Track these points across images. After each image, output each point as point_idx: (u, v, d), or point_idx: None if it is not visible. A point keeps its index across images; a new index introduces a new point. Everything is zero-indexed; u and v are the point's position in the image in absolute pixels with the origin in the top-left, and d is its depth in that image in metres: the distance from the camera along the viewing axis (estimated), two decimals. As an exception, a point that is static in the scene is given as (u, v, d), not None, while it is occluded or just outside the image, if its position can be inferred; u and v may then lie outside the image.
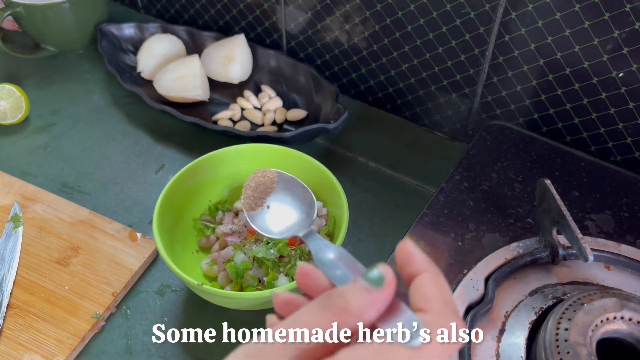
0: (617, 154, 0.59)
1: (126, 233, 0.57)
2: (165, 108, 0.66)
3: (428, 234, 0.51)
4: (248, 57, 0.74)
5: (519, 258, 0.48)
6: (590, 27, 0.53)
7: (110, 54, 0.75)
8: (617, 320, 0.40)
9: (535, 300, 0.45)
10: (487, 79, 0.62)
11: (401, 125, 0.71)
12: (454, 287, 0.46)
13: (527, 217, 0.52)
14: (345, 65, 0.71)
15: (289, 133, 0.62)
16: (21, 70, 0.78)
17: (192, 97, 0.70)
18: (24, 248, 0.56)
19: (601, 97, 0.56)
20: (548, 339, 0.39)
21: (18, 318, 0.51)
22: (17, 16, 0.74)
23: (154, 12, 0.85)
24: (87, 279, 0.53)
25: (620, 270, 0.48)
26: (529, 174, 0.56)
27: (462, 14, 0.58)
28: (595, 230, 0.51)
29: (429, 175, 0.64)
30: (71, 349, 0.49)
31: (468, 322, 0.43)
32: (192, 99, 0.71)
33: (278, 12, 0.72)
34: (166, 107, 0.66)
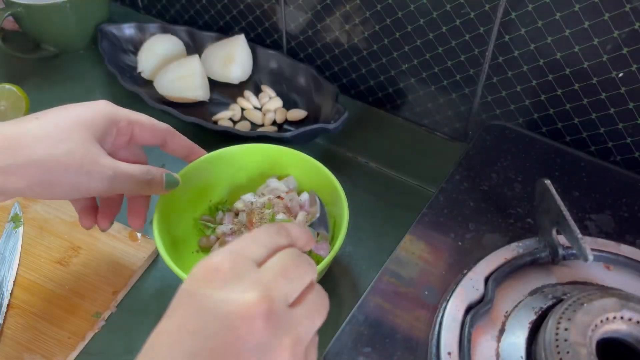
0: (617, 154, 0.59)
1: (126, 233, 0.57)
2: (165, 108, 0.66)
3: (428, 234, 0.51)
4: (248, 57, 0.74)
5: (518, 258, 0.48)
6: (590, 27, 0.53)
7: (111, 54, 0.75)
8: (617, 320, 0.40)
9: (535, 300, 0.45)
10: (487, 79, 0.62)
11: (401, 125, 0.71)
12: (454, 287, 0.46)
13: (527, 217, 0.52)
14: (346, 65, 0.71)
15: (289, 133, 0.62)
16: (21, 70, 0.78)
17: (192, 97, 0.71)
18: (25, 248, 0.56)
19: (601, 97, 0.56)
20: (548, 339, 0.39)
21: (18, 318, 0.51)
22: (17, 16, 0.74)
23: (154, 13, 0.85)
24: (88, 279, 0.53)
25: (620, 270, 0.48)
26: (529, 174, 0.56)
27: (462, 14, 0.58)
28: (595, 230, 0.51)
29: (429, 175, 0.64)
30: (71, 349, 0.49)
31: (468, 322, 0.43)
32: (192, 99, 0.71)
33: (278, 12, 0.72)
34: (166, 107, 0.66)
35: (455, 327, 0.43)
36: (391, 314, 0.46)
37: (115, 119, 0.46)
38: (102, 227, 0.50)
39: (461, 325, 0.43)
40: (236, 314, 0.28)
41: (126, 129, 0.47)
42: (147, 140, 0.50)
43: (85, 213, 0.49)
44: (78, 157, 0.41)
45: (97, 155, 0.43)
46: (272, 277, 0.30)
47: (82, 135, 0.42)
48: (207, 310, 0.28)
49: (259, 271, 0.31)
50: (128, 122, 0.47)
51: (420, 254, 0.50)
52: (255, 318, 0.28)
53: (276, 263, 0.32)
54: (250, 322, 0.28)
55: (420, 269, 0.49)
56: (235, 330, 0.28)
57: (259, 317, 0.28)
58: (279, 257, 0.32)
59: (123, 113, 0.47)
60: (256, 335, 0.28)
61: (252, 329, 0.28)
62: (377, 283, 0.48)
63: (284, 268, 0.31)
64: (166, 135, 0.50)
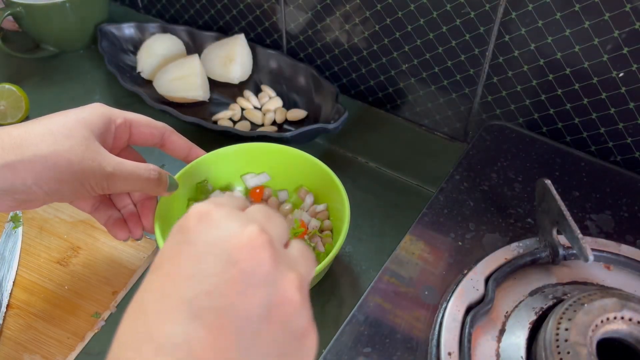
0: (617, 154, 0.59)
1: (126, 233, 0.57)
2: (165, 108, 0.66)
3: (428, 234, 0.51)
4: (248, 57, 0.74)
5: (519, 258, 0.48)
6: (591, 27, 0.53)
7: (111, 54, 0.75)
8: (617, 320, 0.40)
9: (535, 300, 0.45)
10: (487, 79, 0.62)
11: (401, 125, 0.71)
12: (454, 287, 0.46)
13: (527, 217, 0.52)
14: (346, 65, 0.71)
15: (289, 133, 0.62)
16: (21, 70, 0.78)
17: (192, 97, 0.70)
18: (24, 248, 0.56)
19: (601, 97, 0.56)
20: (548, 339, 0.39)
21: (18, 318, 0.51)
22: (17, 16, 0.74)
23: (154, 12, 0.85)
24: (87, 279, 0.53)
25: (620, 270, 0.48)
26: (529, 174, 0.56)
27: (462, 14, 0.58)
28: (595, 230, 0.51)
29: (429, 175, 0.64)
30: (71, 349, 0.48)
31: (468, 322, 0.43)
32: (192, 99, 0.71)
33: (278, 12, 0.72)
34: (166, 107, 0.66)
35: (455, 327, 0.43)
36: (391, 314, 0.46)
37: (112, 117, 0.47)
38: (136, 236, 0.50)
39: (461, 326, 0.43)
40: (238, 248, 0.26)
41: (124, 128, 0.48)
42: (145, 139, 0.50)
43: (112, 225, 0.50)
44: (80, 153, 0.42)
45: (97, 152, 0.43)
46: (260, 218, 0.29)
47: (83, 133, 0.43)
48: (202, 252, 0.26)
49: (245, 213, 0.29)
50: (125, 120, 0.48)
51: (420, 254, 0.50)
52: (259, 248, 0.26)
53: (257, 210, 0.30)
54: (255, 253, 0.26)
55: (420, 269, 0.49)
56: (239, 263, 0.26)
57: (263, 248, 0.26)
58: (258, 207, 0.30)
59: (119, 112, 0.48)
60: (263, 267, 0.26)
61: (258, 261, 0.26)
62: (377, 283, 0.48)
63: (268, 215, 0.30)
64: (164, 133, 0.50)
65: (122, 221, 0.50)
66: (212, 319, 0.24)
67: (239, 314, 0.25)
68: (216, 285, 0.25)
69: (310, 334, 0.27)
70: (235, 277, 0.25)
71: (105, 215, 0.50)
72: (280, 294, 0.26)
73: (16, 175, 0.40)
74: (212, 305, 0.24)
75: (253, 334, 0.25)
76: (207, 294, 0.25)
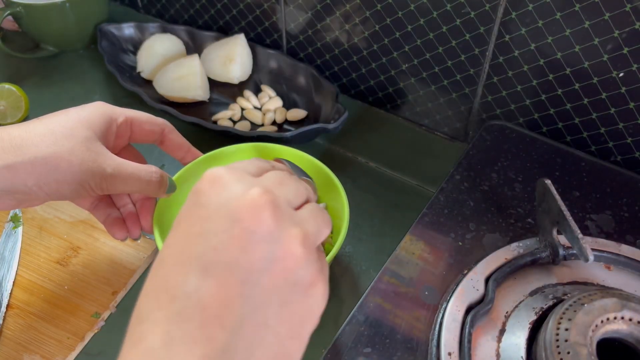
0: (618, 153, 0.59)
1: (126, 233, 0.57)
2: (165, 108, 0.66)
3: (428, 234, 0.51)
4: (248, 57, 0.74)
5: (519, 258, 0.48)
6: (591, 27, 0.53)
7: (110, 54, 0.75)
8: (618, 320, 0.40)
9: (535, 300, 0.45)
10: (487, 79, 0.62)
11: (401, 125, 0.71)
12: (454, 287, 0.46)
13: (528, 217, 0.52)
14: (346, 65, 0.71)
15: (289, 133, 0.62)
16: (21, 70, 0.78)
17: (192, 97, 0.70)
18: (24, 248, 0.56)
19: (601, 97, 0.56)
20: (548, 339, 0.39)
21: (18, 318, 0.51)
22: (17, 16, 0.74)
23: (154, 12, 0.85)
24: (87, 279, 0.53)
25: (620, 270, 0.48)
26: (529, 174, 0.56)
27: (462, 13, 0.58)
28: (595, 230, 0.51)
29: (429, 175, 0.63)
30: (71, 349, 0.48)
31: (468, 322, 0.43)
32: (192, 99, 0.71)
33: (278, 12, 0.72)
34: (166, 107, 0.66)
35: (455, 327, 0.43)
36: (391, 314, 0.46)
37: (113, 116, 0.47)
38: (135, 236, 0.50)
39: (461, 326, 0.43)
40: (241, 207, 0.28)
41: (125, 126, 0.48)
42: (146, 136, 0.50)
43: (110, 224, 0.50)
44: (80, 154, 0.42)
45: (97, 153, 0.43)
46: (272, 183, 0.31)
47: (84, 134, 0.43)
48: (211, 212, 0.29)
49: (257, 178, 0.32)
50: (126, 118, 0.48)
51: (420, 254, 0.50)
52: (260, 208, 0.28)
53: (272, 175, 0.32)
54: (257, 213, 0.28)
55: (420, 269, 0.49)
56: (242, 222, 0.28)
57: (264, 208, 0.28)
58: (273, 172, 0.33)
59: (119, 110, 0.48)
60: (263, 225, 0.28)
61: (259, 218, 0.28)
62: (377, 283, 0.48)
63: (281, 180, 0.32)
64: (164, 129, 0.50)
65: (120, 220, 0.50)
66: (218, 271, 0.27)
67: (242, 267, 0.27)
68: (222, 242, 0.28)
69: (317, 285, 0.29)
70: (239, 234, 0.28)
71: (105, 214, 0.50)
72: (283, 249, 0.28)
73: (16, 176, 0.41)
74: (219, 260, 0.27)
75: (255, 285, 0.27)
76: (214, 250, 0.28)
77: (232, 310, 0.27)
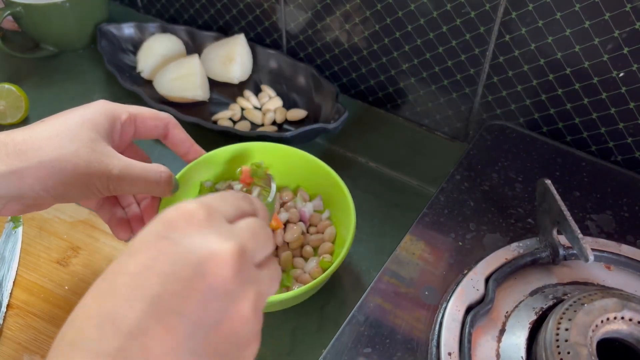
0: (618, 153, 0.59)
1: (126, 233, 0.57)
2: (165, 108, 0.66)
3: (428, 234, 0.51)
4: (248, 57, 0.74)
5: (519, 258, 0.48)
6: (591, 27, 0.53)
7: (110, 53, 0.75)
8: (618, 320, 0.40)
9: (535, 300, 0.45)
10: (487, 79, 0.62)
11: (401, 125, 0.71)
12: (454, 287, 0.46)
13: (528, 217, 0.52)
14: (346, 65, 0.71)
15: (289, 133, 0.62)
16: (21, 70, 0.78)
17: (192, 97, 0.70)
18: (24, 248, 0.56)
19: (602, 97, 0.56)
20: (548, 339, 0.39)
21: (18, 318, 0.51)
22: (17, 16, 0.74)
23: (154, 12, 0.85)
24: (87, 279, 0.53)
25: (620, 270, 0.48)
26: (530, 174, 0.56)
27: (462, 13, 0.58)
28: (595, 230, 0.51)
29: (429, 175, 0.63)
30: (71, 349, 0.48)
31: (468, 322, 0.43)
32: (192, 99, 0.71)
33: (278, 11, 0.72)
34: (166, 107, 0.66)
35: (455, 327, 0.43)
36: (391, 314, 0.46)
37: (117, 114, 0.46)
38: None
39: (461, 326, 0.43)
40: (209, 261, 0.28)
41: (129, 123, 0.48)
42: (150, 132, 0.50)
43: (115, 224, 0.49)
44: (85, 157, 0.42)
45: (103, 154, 0.43)
46: (244, 235, 0.31)
47: (89, 135, 0.43)
48: (179, 255, 0.28)
49: (231, 227, 0.31)
50: (129, 115, 0.48)
51: (420, 254, 0.50)
52: (228, 267, 0.29)
53: (246, 226, 0.32)
54: (223, 271, 0.28)
55: (420, 269, 0.49)
56: (205, 276, 0.28)
57: (230, 266, 0.29)
58: (248, 221, 0.33)
59: (122, 108, 0.47)
60: (226, 284, 0.28)
61: (224, 277, 0.28)
62: (377, 283, 0.48)
63: (254, 232, 0.32)
64: (168, 124, 0.50)
65: (125, 221, 0.50)
66: (169, 319, 0.27)
67: (193, 321, 0.27)
68: (182, 291, 0.27)
69: (252, 345, 0.30)
70: (200, 288, 0.28)
71: (109, 213, 0.50)
72: (235, 309, 0.29)
73: (23, 182, 0.40)
74: (173, 308, 0.27)
75: (200, 339, 0.27)
76: (172, 295, 0.27)
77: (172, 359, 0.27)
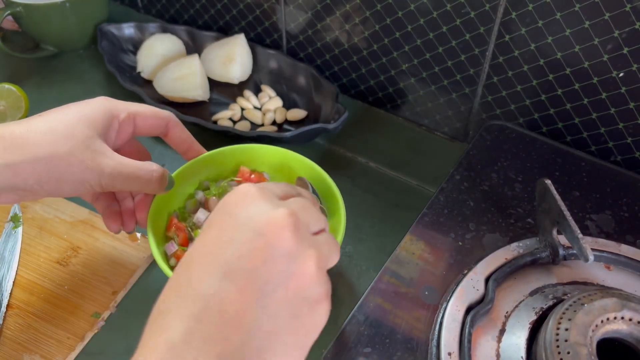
0: (618, 153, 0.59)
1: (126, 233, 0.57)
2: (165, 108, 0.66)
3: (428, 234, 0.51)
4: (248, 57, 0.74)
5: (519, 258, 0.48)
6: (591, 27, 0.53)
7: (110, 54, 0.75)
8: (618, 320, 0.40)
9: (535, 300, 0.45)
10: (487, 79, 0.62)
11: (401, 125, 0.71)
12: (454, 287, 0.46)
13: (528, 217, 0.52)
14: (345, 65, 0.71)
15: (289, 133, 0.62)
16: (21, 70, 0.78)
17: (192, 97, 0.70)
18: (24, 248, 0.56)
19: (601, 97, 0.56)
20: (548, 339, 0.39)
21: (18, 318, 0.51)
22: (17, 16, 0.74)
23: (154, 12, 0.85)
24: (87, 279, 0.53)
25: (620, 270, 0.48)
26: (529, 174, 0.56)
27: (462, 13, 0.58)
28: (595, 230, 0.51)
29: (429, 175, 0.63)
30: (70, 349, 0.48)
31: (468, 322, 0.43)
32: (192, 99, 0.71)
33: (278, 12, 0.72)
34: (166, 107, 0.66)
35: (455, 327, 0.43)
36: (391, 314, 0.46)
37: (115, 112, 0.47)
38: (128, 230, 0.51)
39: (461, 326, 0.43)
40: (267, 224, 0.31)
41: (128, 121, 0.48)
42: (150, 130, 0.50)
43: (108, 215, 0.50)
44: (79, 155, 0.43)
45: (97, 152, 0.44)
46: (294, 206, 0.34)
47: (85, 133, 0.43)
48: (240, 223, 0.32)
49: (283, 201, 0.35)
50: (128, 114, 0.48)
51: (420, 254, 0.50)
52: (283, 227, 0.31)
53: (295, 201, 0.35)
54: (279, 230, 0.31)
55: (420, 269, 0.49)
56: (265, 236, 0.31)
57: (286, 227, 0.31)
58: (296, 199, 0.36)
59: (122, 106, 0.48)
60: (284, 242, 0.31)
61: (281, 236, 0.31)
62: (377, 283, 0.48)
63: (303, 205, 0.35)
64: (169, 123, 0.50)
65: (118, 213, 0.51)
66: (239, 278, 0.30)
67: (261, 277, 0.30)
68: (246, 251, 0.31)
69: (323, 303, 0.32)
70: (261, 247, 0.31)
71: (104, 205, 0.51)
72: (299, 267, 0.31)
73: (17, 175, 0.41)
74: (241, 267, 0.30)
75: (270, 295, 0.30)
76: (238, 258, 0.30)
77: (247, 315, 0.29)
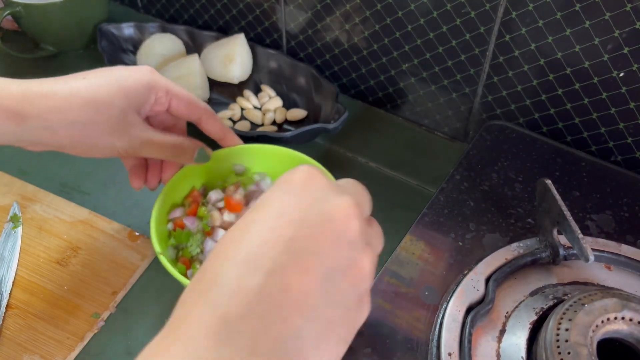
0: (618, 153, 0.59)
1: (126, 233, 0.57)
2: (165, 108, 0.66)
3: (428, 234, 0.51)
4: (248, 56, 0.74)
5: (519, 258, 0.48)
6: (591, 27, 0.52)
7: (110, 53, 0.75)
8: (618, 320, 0.40)
9: (535, 300, 0.45)
10: (487, 79, 0.62)
11: (401, 125, 0.71)
12: (454, 288, 0.46)
13: (528, 217, 0.52)
14: (345, 65, 0.71)
15: (289, 133, 0.62)
16: (21, 70, 0.78)
17: (191, 97, 0.70)
18: (24, 248, 0.56)
19: (602, 97, 0.56)
20: (549, 339, 0.39)
21: (17, 318, 0.50)
22: (16, 16, 0.74)
23: (154, 12, 0.85)
24: (87, 279, 0.53)
25: (620, 270, 0.48)
26: (530, 174, 0.56)
27: (462, 13, 0.58)
28: (595, 230, 0.51)
29: (429, 175, 0.63)
30: (70, 349, 0.48)
31: (468, 322, 0.43)
32: (192, 99, 0.71)
33: (278, 11, 0.72)
34: (166, 107, 0.66)
35: (455, 327, 0.43)
36: (391, 314, 0.46)
37: (155, 87, 0.49)
38: (151, 187, 0.53)
39: (462, 326, 0.43)
40: (334, 209, 0.30)
41: (164, 99, 0.50)
42: (183, 114, 0.52)
43: (135, 172, 0.53)
44: (115, 124, 0.46)
45: (131, 124, 0.47)
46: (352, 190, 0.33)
47: (122, 103, 0.46)
48: (306, 204, 0.30)
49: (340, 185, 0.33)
50: (167, 92, 0.50)
51: (420, 254, 0.50)
52: (351, 216, 0.30)
53: (349, 184, 0.34)
54: (348, 218, 0.30)
55: (420, 269, 0.49)
56: (334, 222, 0.30)
57: (354, 217, 0.30)
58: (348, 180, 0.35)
59: (163, 83, 0.49)
60: (351, 231, 0.30)
61: (349, 224, 0.30)
62: (377, 283, 0.48)
63: (357, 188, 0.34)
64: (202, 115, 0.52)
65: (143, 171, 0.53)
66: (306, 258, 0.28)
67: (327, 261, 0.29)
68: (314, 234, 0.29)
69: (367, 300, 0.31)
70: (330, 231, 0.29)
71: (132, 163, 0.53)
72: (359, 260, 0.30)
73: (54, 137, 0.45)
74: (308, 248, 0.28)
75: (334, 282, 0.29)
76: (305, 238, 0.29)
77: (310, 299, 0.28)
